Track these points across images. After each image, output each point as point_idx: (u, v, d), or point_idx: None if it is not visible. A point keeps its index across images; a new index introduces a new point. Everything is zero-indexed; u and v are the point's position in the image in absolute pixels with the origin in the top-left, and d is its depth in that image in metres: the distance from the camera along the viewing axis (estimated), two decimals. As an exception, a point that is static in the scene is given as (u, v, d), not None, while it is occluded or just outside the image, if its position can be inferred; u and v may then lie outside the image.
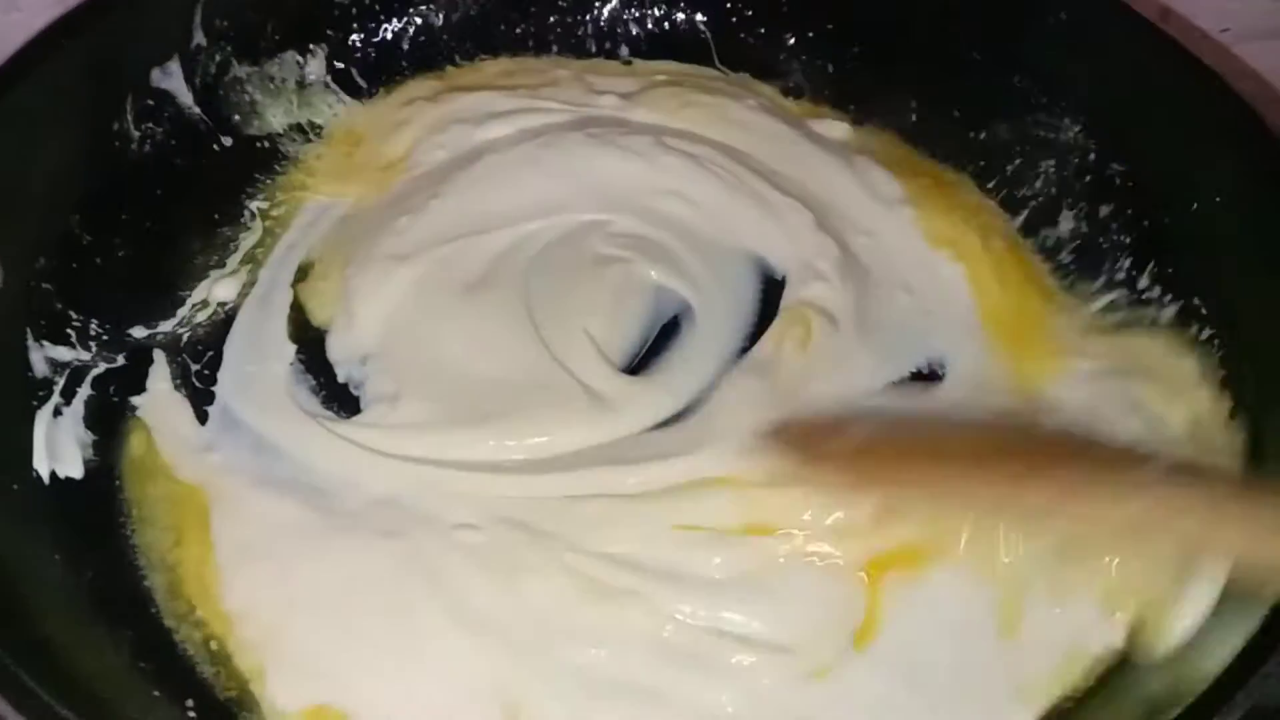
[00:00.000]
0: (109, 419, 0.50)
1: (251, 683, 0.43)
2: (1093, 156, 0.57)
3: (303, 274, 0.56)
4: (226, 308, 0.55)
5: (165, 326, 0.54)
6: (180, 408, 0.51)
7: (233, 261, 0.56)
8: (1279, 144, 0.49)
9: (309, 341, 0.53)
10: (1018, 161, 0.60)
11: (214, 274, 0.56)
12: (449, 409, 0.49)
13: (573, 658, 0.43)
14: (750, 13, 0.66)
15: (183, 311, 0.55)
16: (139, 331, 0.53)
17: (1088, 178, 0.57)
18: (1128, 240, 0.55)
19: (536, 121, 0.61)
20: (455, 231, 0.55)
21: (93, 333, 0.52)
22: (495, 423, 0.49)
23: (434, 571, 0.45)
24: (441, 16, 0.65)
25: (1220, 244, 0.51)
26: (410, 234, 0.55)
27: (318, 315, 0.55)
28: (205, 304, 0.55)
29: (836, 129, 0.63)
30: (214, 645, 0.44)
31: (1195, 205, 0.52)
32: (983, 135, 0.61)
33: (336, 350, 0.53)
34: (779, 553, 0.45)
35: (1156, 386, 0.51)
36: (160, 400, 0.51)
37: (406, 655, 0.43)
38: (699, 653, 0.43)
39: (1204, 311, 0.51)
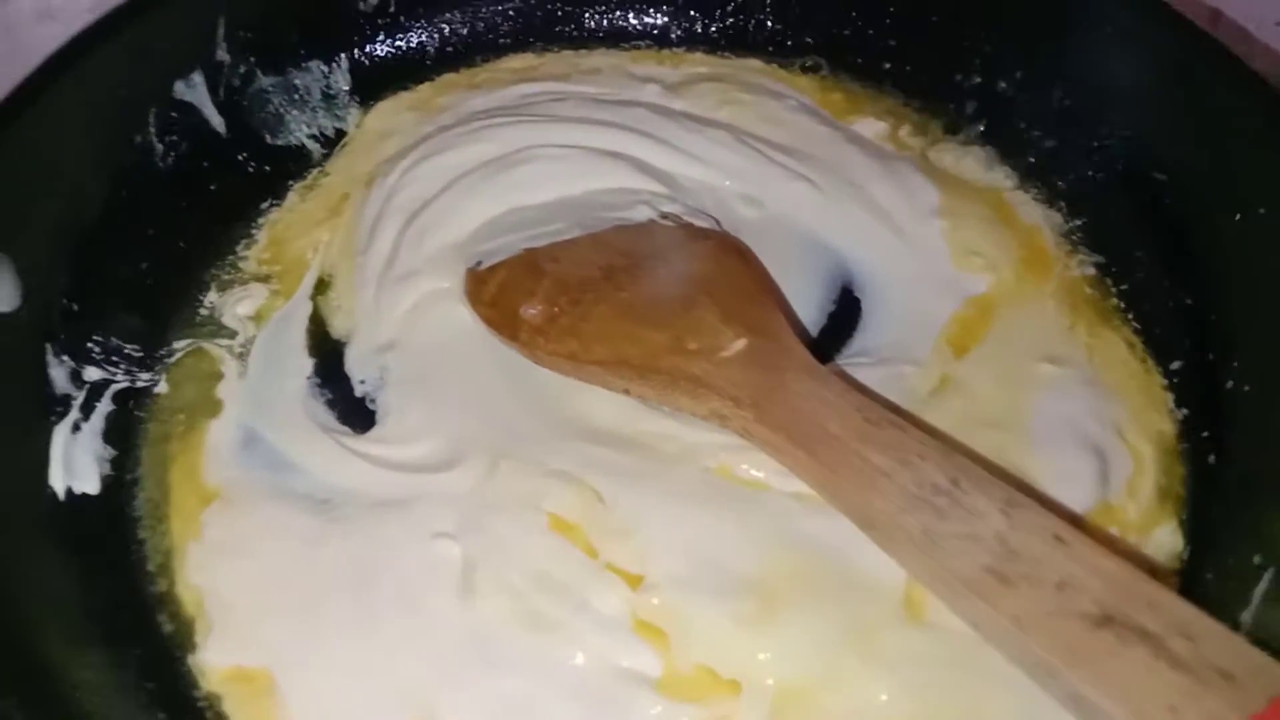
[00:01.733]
0: (129, 433, 0.50)
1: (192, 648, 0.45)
2: (1136, 163, 0.55)
3: (322, 287, 0.56)
4: (250, 321, 0.55)
5: (188, 341, 0.54)
6: (211, 419, 0.51)
7: (256, 275, 0.56)
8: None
9: (327, 355, 0.53)
10: (1061, 169, 0.57)
11: (237, 288, 0.56)
12: (456, 430, 0.49)
13: (496, 683, 0.43)
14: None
15: (208, 326, 0.54)
16: (163, 347, 0.53)
17: (1129, 185, 0.55)
18: (1160, 252, 0.53)
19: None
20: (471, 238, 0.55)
21: (115, 348, 0.52)
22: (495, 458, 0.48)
23: (401, 579, 0.45)
24: (468, 25, 0.65)
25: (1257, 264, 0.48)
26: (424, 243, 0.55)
27: (337, 328, 0.54)
28: (230, 318, 0.55)
29: (873, 128, 0.62)
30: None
31: (1238, 216, 0.49)
32: (1026, 141, 0.59)
33: (354, 362, 0.53)
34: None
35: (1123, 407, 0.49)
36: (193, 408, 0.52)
37: (349, 648, 0.44)
38: (611, 695, 0.42)
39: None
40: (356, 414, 0.51)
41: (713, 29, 0.66)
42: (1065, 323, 0.53)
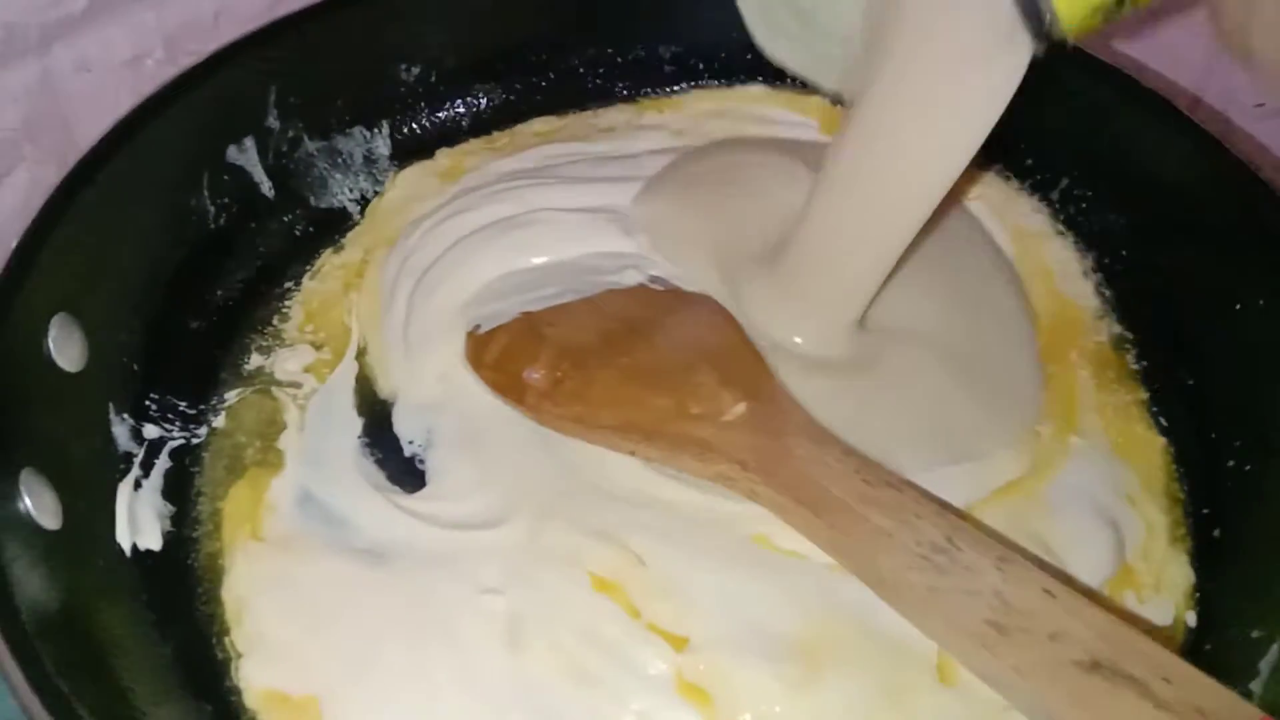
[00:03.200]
0: (186, 490, 0.52)
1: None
2: (1141, 250, 0.59)
3: (365, 347, 0.58)
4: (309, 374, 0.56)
5: (239, 391, 0.56)
6: (273, 476, 0.53)
7: (298, 339, 0.58)
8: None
9: (376, 414, 0.55)
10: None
11: (280, 349, 0.57)
12: (501, 490, 0.51)
13: None
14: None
15: (261, 378, 0.56)
16: (217, 401, 0.55)
17: (1137, 270, 0.59)
18: (1165, 334, 0.57)
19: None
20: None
21: (171, 405, 0.54)
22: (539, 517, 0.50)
23: (450, 630, 0.47)
24: (502, 95, 0.68)
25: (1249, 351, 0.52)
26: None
27: (382, 388, 0.56)
28: (282, 373, 0.56)
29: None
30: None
31: (1238, 306, 0.53)
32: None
33: (401, 422, 0.55)
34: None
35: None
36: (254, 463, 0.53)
37: (399, 690, 0.46)
38: None
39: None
40: (406, 474, 0.53)
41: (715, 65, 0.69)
42: (1090, 398, 0.56)
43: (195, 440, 0.54)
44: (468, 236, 0.59)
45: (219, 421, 0.54)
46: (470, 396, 0.55)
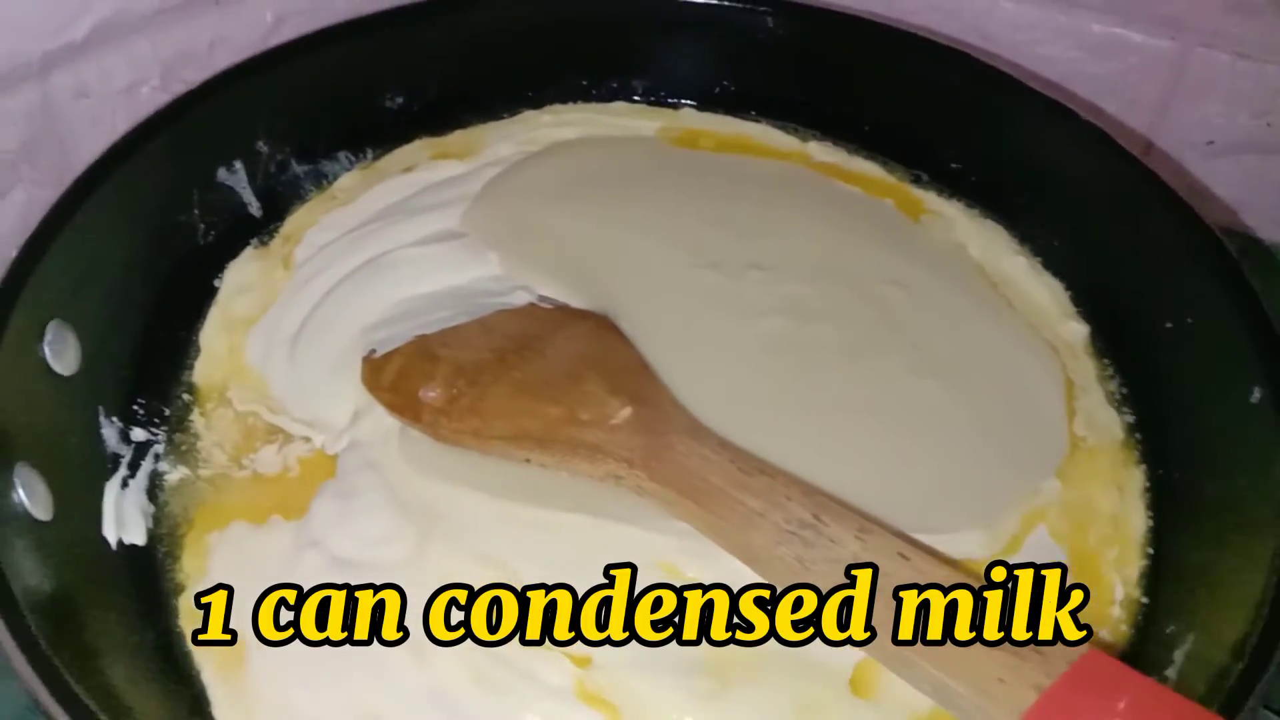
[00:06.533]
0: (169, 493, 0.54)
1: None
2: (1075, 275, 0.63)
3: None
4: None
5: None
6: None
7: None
8: (1240, 270, 0.54)
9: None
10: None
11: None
12: (393, 502, 0.52)
13: None
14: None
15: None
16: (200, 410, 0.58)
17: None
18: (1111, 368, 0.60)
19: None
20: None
21: (158, 411, 0.57)
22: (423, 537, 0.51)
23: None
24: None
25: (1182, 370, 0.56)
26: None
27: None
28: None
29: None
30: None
31: (1169, 324, 0.57)
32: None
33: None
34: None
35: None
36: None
37: (319, 671, 0.47)
38: None
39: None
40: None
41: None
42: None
43: (179, 446, 0.56)
44: (329, 293, 0.60)
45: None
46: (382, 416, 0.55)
